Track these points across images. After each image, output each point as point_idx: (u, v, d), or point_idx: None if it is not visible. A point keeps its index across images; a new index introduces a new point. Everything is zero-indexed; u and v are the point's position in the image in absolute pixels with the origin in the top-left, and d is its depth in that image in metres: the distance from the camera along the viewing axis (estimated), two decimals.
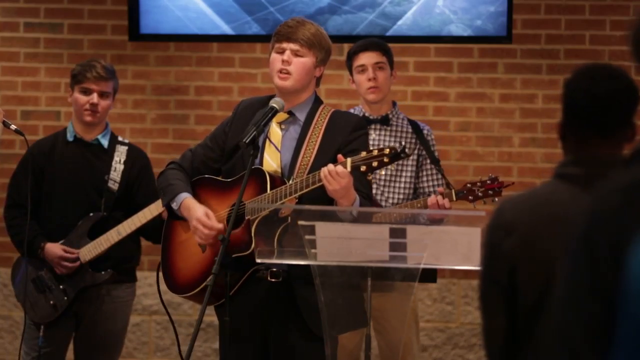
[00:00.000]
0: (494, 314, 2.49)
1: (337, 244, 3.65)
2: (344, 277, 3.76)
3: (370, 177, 3.96)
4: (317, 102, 4.24)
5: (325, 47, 4.21)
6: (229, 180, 4.17)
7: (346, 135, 4.12)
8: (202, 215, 4.08)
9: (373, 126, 5.28)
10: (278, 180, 4.06)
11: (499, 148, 6.85)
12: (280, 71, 4.13)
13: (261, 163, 4.13)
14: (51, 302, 5.17)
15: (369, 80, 5.23)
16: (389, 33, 6.34)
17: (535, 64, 6.84)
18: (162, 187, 4.28)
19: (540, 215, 2.44)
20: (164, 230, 4.37)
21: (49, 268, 5.19)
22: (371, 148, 3.86)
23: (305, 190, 3.92)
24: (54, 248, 5.15)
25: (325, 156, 4.07)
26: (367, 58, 5.27)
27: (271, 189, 4.01)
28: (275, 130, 4.17)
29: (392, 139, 5.28)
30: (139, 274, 5.52)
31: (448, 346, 6.85)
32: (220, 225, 4.05)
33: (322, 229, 3.64)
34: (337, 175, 3.83)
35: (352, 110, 5.36)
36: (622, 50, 6.80)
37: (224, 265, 3.80)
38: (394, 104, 5.39)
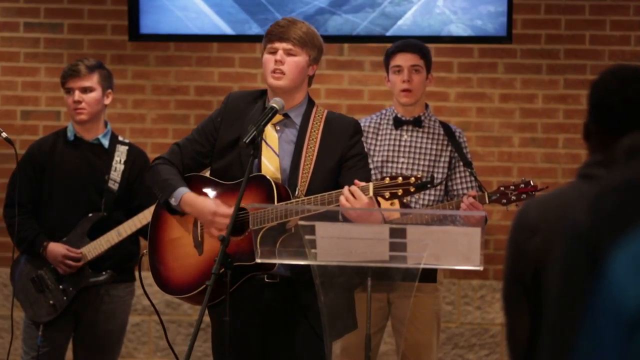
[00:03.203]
0: (518, 314, 2.49)
1: (337, 244, 3.65)
2: (343, 277, 3.76)
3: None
4: (311, 103, 4.23)
5: (317, 46, 4.19)
6: (228, 183, 4.12)
7: (346, 140, 4.11)
8: (215, 207, 4.03)
9: (405, 127, 5.27)
10: (283, 189, 4.02)
11: (499, 148, 6.85)
12: (274, 71, 4.12)
13: (259, 166, 4.09)
14: (50, 301, 5.17)
15: (403, 82, 5.21)
16: (389, 33, 6.34)
17: (535, 64, 6.84)
18: (156, 183, 4.19)
19: (562, 215, 2.44)
20: (150, 226, 4.30)
21: (49, 267, 5.19)
22: (395, 174, 3.82)
23: (320, 210, 3.89)
24: (57, 247, 5.15)
25: (327, 162, 4.06)
26: (404, 60, 5.23)
27: (278, 199, 3.96)
28: (271, 133, 4.14)
29: (425, 140, 5.26)
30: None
31: (448, 346, 6.85)
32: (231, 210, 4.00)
33: (322, 229, 3.64)
34: (353, 200, 3.80)
35: (385, 111, 5.35)
36: (622, 50, 6.80)
37: (224, 265, 3.79)
38: (426, 106, 5.37)
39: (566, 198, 2.48)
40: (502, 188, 4.92)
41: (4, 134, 4.96)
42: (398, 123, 5.27)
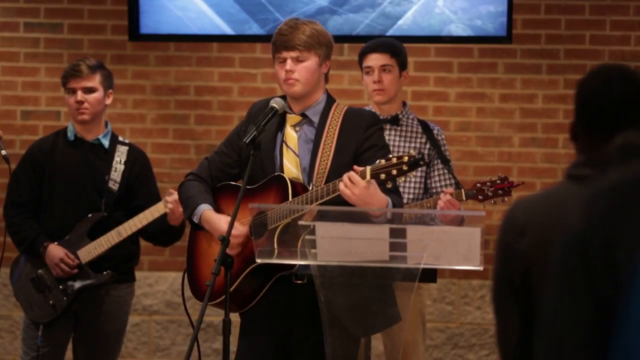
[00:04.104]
0: (508, 315, 2.48)
1: (337, 244, 3.65)
2: (344, 277, 3.76)
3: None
4: (330, 100, 4.23)
5: (324, 43, 4.18)
6: (251, 187, 4.12)
7: (361, 133, 4.11)
8: (226, 228, 4.06)
9: (382, 126, 5.28)
10: (299, 186, 4.04)
11: (499, 148, 6.85)
12: (287, 80, 4.12)
13: (281, 168, 4.11)
14: (50, 301, 5.16)
15: (374, 82, 5.21)
16: (389, 33, 6.34)
17: (535, 64, 6.84)
18: (182, 200, 4.27)
19: (553, 216, 2.44)
20: (189, 238, 4.37)
21: (48, 267, 5.19)
22: (390, 155, 3.83)
23: (324, 199, 3.90)
24: (57, 250, 5.15)
25: (343, 157, 4.06)
26: (374, 60, 5.23)
27: (293, 196, 3.99)
28: (290, 134, 4.15)
29: (402, 139, 5.26)
30: (138, 274, 5.53)
31: (448, 346, 6.86)
32: (245, 229, 4.05)
33: (322, 229, 3.64)
34: (351, 185, 3.82)
35: None
36: (622, 50, 6.80)
37: (223, 265, 3.80)
38: (404, 104, 5.37)
39: (556, 199, 2.48)
40: (478, 185, 4.92)
41: (3, 152, 4.97)
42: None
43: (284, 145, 4.14)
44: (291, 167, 4.11)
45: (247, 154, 4.04)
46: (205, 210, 4.16)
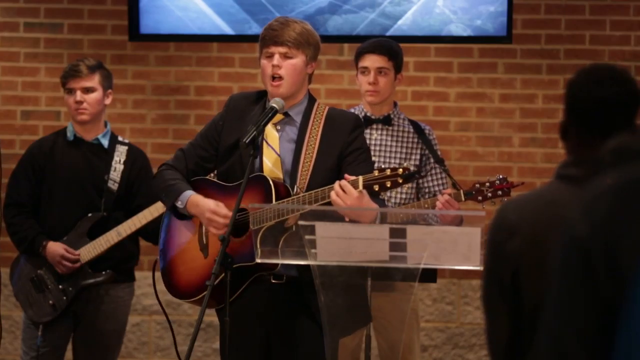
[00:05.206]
0: (497, 315, 2.48)
1: (337, 244, 3.65)
2: (344, 277, 3.76)
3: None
4: (312, 100, 4.22)
5: (313, 44, 4.17)
6: (230, 184, 4.12)
7: (346, 136, 4.11)
8: (214, 206, 4.03)
9: (375, 126, 5.26)
10: (282, 187, 4.02)
11: (499, 148, 6.85)
12: (273, 78, 4.11)
13: (260, 166, 4.09)
14: (50, 301, 5.17)
15: (370, 84, 5.20)
16: (389, 33, 6.33)
17: (535, 64, 6.84)
18: (162, 188, 4.21)
19: (544, 216, 2.44)
20: (161, 232, 4.31)
21: (48, 267, 5.20)
22: (384, 167, 3.82)
23: (313, 206, 3.88)
24: (56, 247, 5.16)
25: (326, 159, 4.06)
26: (371, 61, 5.22)
27: (276, 198, 3.97)
28: (271, 132, 4.13)
29: (394, 139, 5.26)
30: (138, 274, 5.52)
31: (448, 346, 6.85)
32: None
33: (322, 229, 3.64)
34: (343, 195, 3.80)
35: (353, 110, 5.35)
36: (622, 50, 6.80)
37: (223, 265, 3.79)
38: (395, 104, 5.37)
39: (546, 199, 2.48)
40: (477, 185, 4.91)
41: None
42: (368, 122, 5.25)
43: (264, 142, 4.12)
44: (271, 166, 4.09)
45: (237, 153, 4.04)
46: (193, 195, 4.12)
